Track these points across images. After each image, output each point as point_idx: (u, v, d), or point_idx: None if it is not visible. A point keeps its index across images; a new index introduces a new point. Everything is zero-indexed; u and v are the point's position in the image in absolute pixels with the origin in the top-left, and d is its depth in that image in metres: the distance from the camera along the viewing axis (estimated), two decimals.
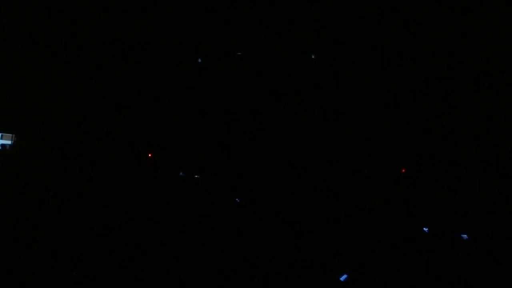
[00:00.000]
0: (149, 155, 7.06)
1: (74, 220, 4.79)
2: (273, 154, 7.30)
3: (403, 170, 6.57)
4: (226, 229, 4.80)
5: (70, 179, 5.77)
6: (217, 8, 6.86)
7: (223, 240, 4.50)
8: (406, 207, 5.67)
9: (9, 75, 7.13)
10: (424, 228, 4.72)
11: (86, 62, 7.25)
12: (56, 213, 4.90)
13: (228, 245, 4.34)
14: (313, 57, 7.29)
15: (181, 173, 6.85)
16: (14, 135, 6.50)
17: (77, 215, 5.00)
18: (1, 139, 6.38)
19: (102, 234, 4.43)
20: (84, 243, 4.20)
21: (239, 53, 7.22)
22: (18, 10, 7.26)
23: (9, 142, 6.41)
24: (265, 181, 6.46)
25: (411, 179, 6.37)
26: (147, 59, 7.24)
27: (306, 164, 7.00)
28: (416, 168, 6.52)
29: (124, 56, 7.22)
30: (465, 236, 4.74)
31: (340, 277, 3.40)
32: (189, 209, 5.41)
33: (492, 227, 4.98)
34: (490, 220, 5.18)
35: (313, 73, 7.31)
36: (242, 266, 3.82)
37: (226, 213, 5.33)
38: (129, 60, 7.25)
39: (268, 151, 7.34)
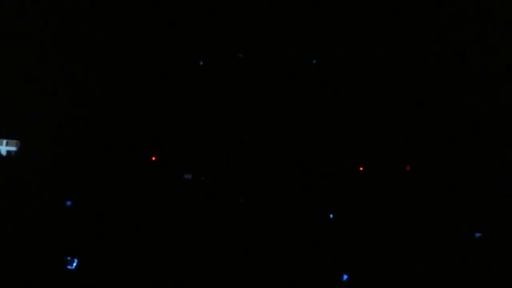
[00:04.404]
0: (153, 158, 7.08)
1: (78, 226, 4.81)
2: (276, 155, 7.28)
3: (408, 168, 6.52)
4: (230, 229, 4.80)
5: (75, 184, 5.81)
6: (218, 10, 6.87)
7: (227, 240, 4.50)
8: (411, 205, 5.62)
9: (14, 82, 7.20)
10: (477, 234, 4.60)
11: (89, 68, 7.30)
12: (60, 219, 4.93)
13: (231, 245, 4.34)
14: (314, 61, 7.28)
15: (186, 175, 6.85)
16: (19, 141, 6.54)
17: (82, 220, 5.02)
18: (7, 145, 6.43)
19: (107, 238, 4.45)
20: (88, 247, 4.23)
21: (240, 55, 7.22)
22: (22, 16, 7.32)
23: (14, 148, 6.45)
24: (268, 181, 6.45)
25: (416, 177, 6.33)
26: (150, 62, 7.27)
27: (310, 164, 6.97)
28: (421, 166, 6.47)
29: (127, 61, 7.26)
30: (477, 234, 4.68)
31: (342, 277, 3.39)
32: (193, 210, 5.41)
33: (497, 225, 4.91)
34: (494, 218, 5.12)
35: (316, 72, 7.29)
36: (245, 265, 3.81)
37: (230, 213, 5.33)
38: (133, 64, 7.29)
39: (270, 152, 7.33)
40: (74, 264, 4.02)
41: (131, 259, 3.95)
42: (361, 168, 6.70)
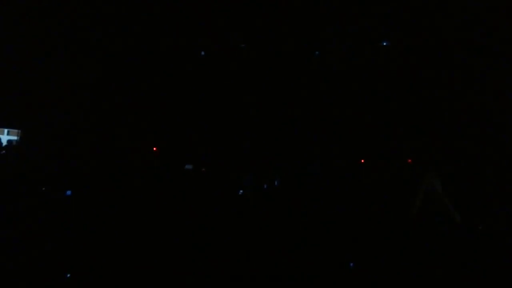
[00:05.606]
0: (154, 149, 7.09)
1: (79, 214, 4.82)
2: (276, 148, 7.27)
3: (410, 161, 6.51)
4: (229, 220, 4.80)
5: (75, 173, 5.82)
6: (221, 2, 6.81)
7: (227, 232, 4.50)
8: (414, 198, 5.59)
9: (14, 74, 7.20)
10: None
11: (89, 58, 7.28)
12: (61, 206, 4.94)
13: (231, 237, 4.35)
14: (317, 53, 7.24)
15: (187, 166, 6.85)
16: (20, 131, 6.57)
17: (82, 209, 5.03)
18: (8, 135, 6.45)
19: (108, 226, 4.46)
20: (89, 235, 4.24)
21: (243, 45, 7.18)
22: (21, 10, 7.29)
23: (15, 137, 6.48)
24: (267, 174, 6.45)
25: (417, 170, 6.31)
26: (151, 53, 7.24)
27: (309, 157, 6.96)
28: (422, 159, 6.46)
29: (128, 51, 7.23)
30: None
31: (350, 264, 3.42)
32: (194, 201, 5.42)
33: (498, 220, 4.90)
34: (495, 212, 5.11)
35: (319, 68, 7.25)
36: (244, 256, 3.82)
37: (229, 205, 5.34)
38: (133, 55, 7.25)
39: (271, 145, 7.32)
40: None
41: (133, 245, 3.96)
42: (362, 161, 6.69)
